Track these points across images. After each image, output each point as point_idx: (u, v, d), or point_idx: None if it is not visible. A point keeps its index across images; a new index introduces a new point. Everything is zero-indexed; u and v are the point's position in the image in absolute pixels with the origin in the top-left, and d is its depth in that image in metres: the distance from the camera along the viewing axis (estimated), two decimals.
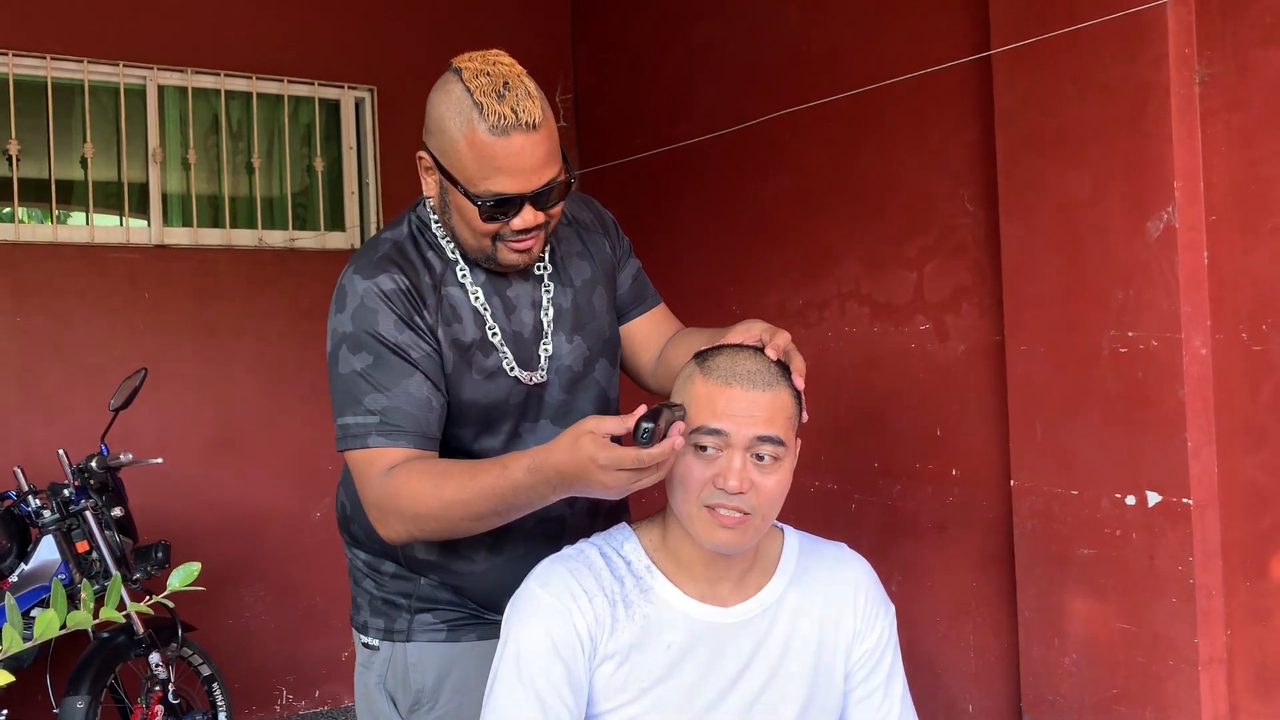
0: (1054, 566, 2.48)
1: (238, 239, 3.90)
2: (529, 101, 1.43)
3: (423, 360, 1.52)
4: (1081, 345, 2.40)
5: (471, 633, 1.63)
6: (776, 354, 1.39)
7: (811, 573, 1.46)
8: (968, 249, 2.79)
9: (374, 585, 1.67)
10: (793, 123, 3.28)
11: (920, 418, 2.93)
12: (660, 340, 1.79)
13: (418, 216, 1.62)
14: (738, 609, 1.40)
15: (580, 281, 1.69)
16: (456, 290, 1.58)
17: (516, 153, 1.42)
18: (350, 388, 1.51)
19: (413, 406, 1.49)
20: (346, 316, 1.53)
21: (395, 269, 1.54)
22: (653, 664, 1.37)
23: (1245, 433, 2.18)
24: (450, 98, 1.45)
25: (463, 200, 1.48)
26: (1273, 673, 2.16)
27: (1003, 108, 2.56)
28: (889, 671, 1.47)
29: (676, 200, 3.85)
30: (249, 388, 3.88)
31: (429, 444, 1.51)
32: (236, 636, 3.79)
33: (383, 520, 1.46)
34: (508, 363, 1.58)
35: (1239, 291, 2.18)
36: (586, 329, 1.67)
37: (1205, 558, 2.21)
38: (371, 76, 4.08)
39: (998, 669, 2.75)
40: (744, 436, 1.31)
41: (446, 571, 1.62)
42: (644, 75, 4.06)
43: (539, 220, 1.49)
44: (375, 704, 1.66)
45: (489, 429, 1.60)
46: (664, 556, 1.41)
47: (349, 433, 1.50)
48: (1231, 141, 2.18)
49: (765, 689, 1.40)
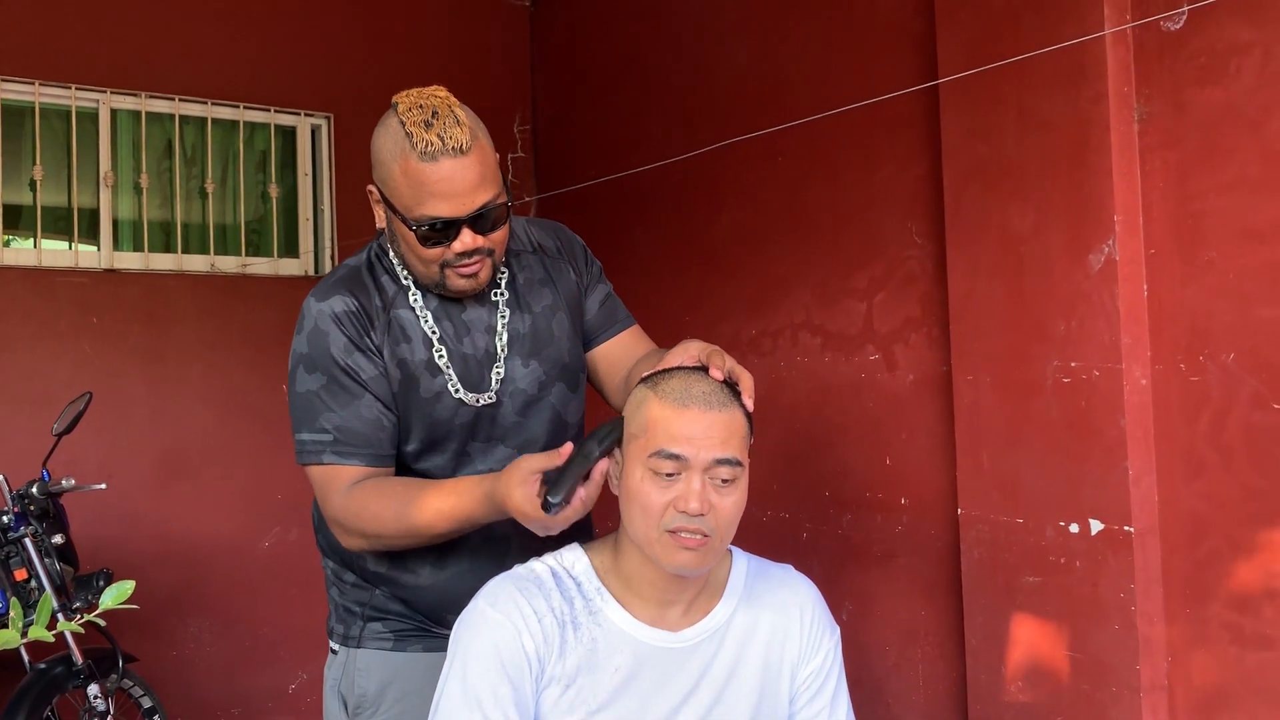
0: (1000, 594, 2.50)
1: (189, 264, 3.87)
2: (456, 129, 1.51)
3: (372, 382, 1.60)
4: (1025, 375, 2.44)
5: (417, 644, 1.69)
6: (721, 375, 1.41)
7: (758, 595, 1.47)
8: (916, 280, 2.83)
9: (338, 593, 1.76)
10: (745, 155, 3.33)
11: (870, 447, 2.95)
12: (631, 361, 1.82)
13: (379, 245, 1.71)
14: (686, 633, 1.41)
15: (540, 308, 1.75)
16: (407, 313, 1.65)
17: (446, 177, 1.50)
18: (306, 406, 1.60)
19: (364, 426, 1.58)
20: (304, 338, 1.62)
21: (347, 292, 1.63)
22: (599, 687, 1.37)
23: (1184, 461, 2.22)
24: (387, 131, 1.55)
25: (404, 228, 1.55)
26: (1212, 698, 2.19)
27: (949, 142, 2.61)
28: (834, 693, 1.48)
29: (631, 230, 3.88)
30: (198, 414, 3.83)
31: (383, 461, 1.60)
32: (179, 668, 3.71)
33: (344, 535, 1.58)
34: (452, 384, 1.64)
35: (1177, 323, 2.23)
36: (543, 354, 1.73)
37: (1146, 585, 2.25)
38: (328, 104, 4.08)
39: (945, 697, 2.76)
40: (703, 459, 1.32)
41: (396, 584, 1.69)
42: (600, 106, 4.09)
43: (479, 244, 1.56)
44: (331, 705, 1.75)
45: (435, 447, 1.66)
46: (614, 579, 1.42)
47: (305, 449, 1.60)
48: (1169, 177, 2.24)
49: (710, 712, 1.40)
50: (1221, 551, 2.17)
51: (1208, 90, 2.17)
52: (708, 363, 1.43)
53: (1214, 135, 2.17)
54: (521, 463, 1.40)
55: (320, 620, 3.83)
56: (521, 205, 4.40)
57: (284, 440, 4.02)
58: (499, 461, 1.67)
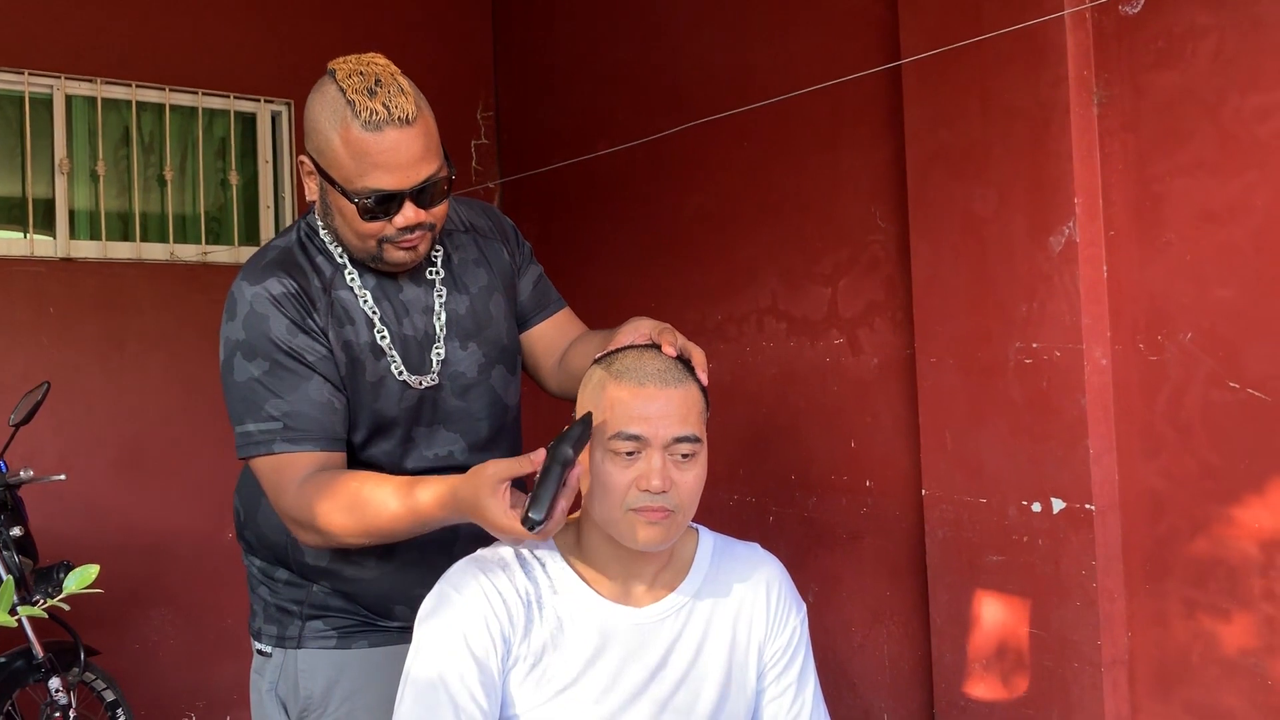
0: (964, 573, 2.53)
1: (149, 253, 3.81)
2: (401, 98, 1.45)
3: (319, 363, 1.52)
4: (988, 357, 2.47)
5: (363, 640, 1.63)
6: (674, 351, 1.41)
7: (725, 572, 1.48)
8: (880, 265, 2.85)
9: (268, 592, 1.67)
10: (709, 141, 3.33)
11: (835, 430, 2.98)
12: (564, 344, 1.80)
13: (306, 223, 1.63)
14: (651, 609, 1.41)
15: (476, 288, 1.69)
16: (346, 293, 1.58)
17: (391, 148, 1.44)
18: (248, 395, 1.51)
19: (314, 410, 1.50)
20: (238, 324, 1.53)
21: (283, 273, 1.54)
22: (566, 665, 1.37)
23: (1143, 440, 2.26)
24: (325, 98, 1.48)
25: (343, 201, 1.48)
26: (1171, 672, 2.23)
27: (912, 126, 2.63)
28: (801, 670, 1.49)
29: (596, 216, 3.87)
30: (159, 405, 3.79)
31: (335, 445, 1.52)
32: (142, 660, 3.67)
33: (299, 528, 1.48)
34: (396, 367, 1.58)
35: (1136, 303, 2.26)
36: (483, 335, 1.68)
37: (1107, 562, 2.28)
38: (289, 90, 4.03)
39: (911, 676, 2.79)
40: (662, 437, 1.33)
41: (338, 578, 1.62)
42: (562, 90, 4.08)
43: (421, 219, 1.50)
44: (267, 711, 1.65)
45: (382, 433, 1.60)
46: (578, 557, 1.42)
47: (252, 440, 1.50)
48: (1128, 160, 2.27)
49: (679, 688, 1.41)
50: (1180, 528, 2.21)
51: (1165, 74, 2.20)
52: (659, 340, 1.43)
53: (1171, 118, 2.20)
54: (486, 470, 1.31)
55: None
56: (485, 191, 4.38)
57: None
58: (442, 446, 1.63)
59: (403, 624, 1.62)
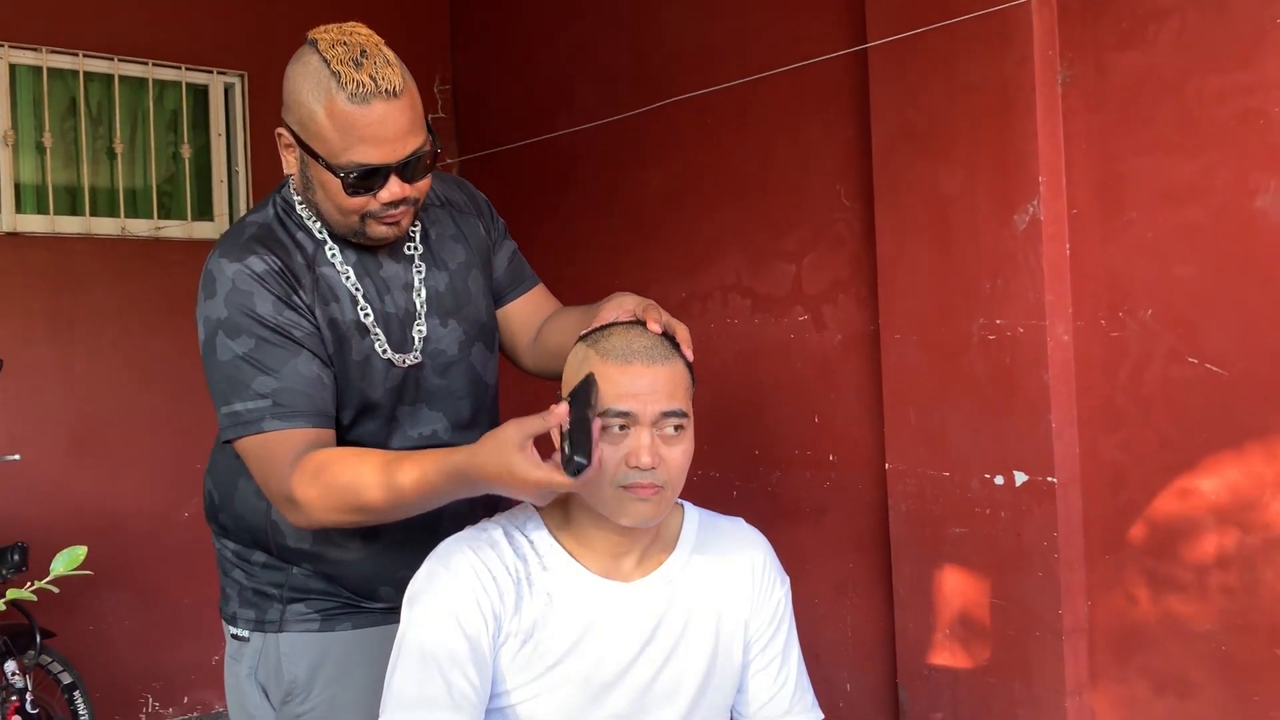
0: (927, 546, 2.58)
1: (99, 227, 3.72)
2: (388, 69, 1.41)
3: (307, 339, 1.49)
4: (952, 333, 2.51)
5: (346, 622, 1.60)
6: (660, 328, 1.41)
7: (711, 546, 1.49)
8: (845, 242, 2.88)
9: (244, 575, 1.63)
10: (673, 117, 3.33)
11: (799, 406, 3.01)
12: (539, 321, 1.78)
13: (282, 198, 1.58)
14: (640, 584, 1.42)
15: (455, 265, 1.66)
16: (329, 270, 1.54)
17: (378, 121, 1.40)
18: (234, 374, 1.45)
19: (304, 385, 1.46)
20: (219, 302, 1.47)
21: (264, 250, 1.49)
22: (556, 641, 1.37)
23: (1104, 414, 2.31)
24: (307, 69, 1.43)
25: (326, 175, 1.44)
26: (1129, 639, 2.30)
27: (878, 104, 2.65)
28: (785, 642, 1.51)
29: (557, 193, 3.86)
30: (113, 383, 3.71)
31: (326, 422, 1.48)
32: (98, 642, 3.62)
33: (292, 509, 1.42)
34: (380, 345, 1.55)
35: (1098, 281, 2.31)
36: (462, 313, 1.65)
37: (1068, 533, 2.34)
38: (242, 62, 3.95)
39: (874, 646, 2.84)
40: (651, 414, 1.33)
41: (320, 560, 1.59)
42: (523, 66, 4.04)
43: (406, 193, 1.46)
44: (247, 696, 1.62)
45: (368, 412, 1.57)
46: (566, 534, 1.42)
47: (240, 419, 1.45)
48: (1091, 140, 2.31)
49: (668, 662, 1.42)
50: (1139, 500, 2.27)
51: (1128, 55, 2.24)
52: (644, 317, 1.43)
53: (1134, 99, 2.24)
54: (506, 431, 1.25)
55: None
56: (443, 168, 4.34)
57: (205, 408, 3.91)
58: (426, 425, 1.61)
59: (387, 605, 1.61)
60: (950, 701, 2.54)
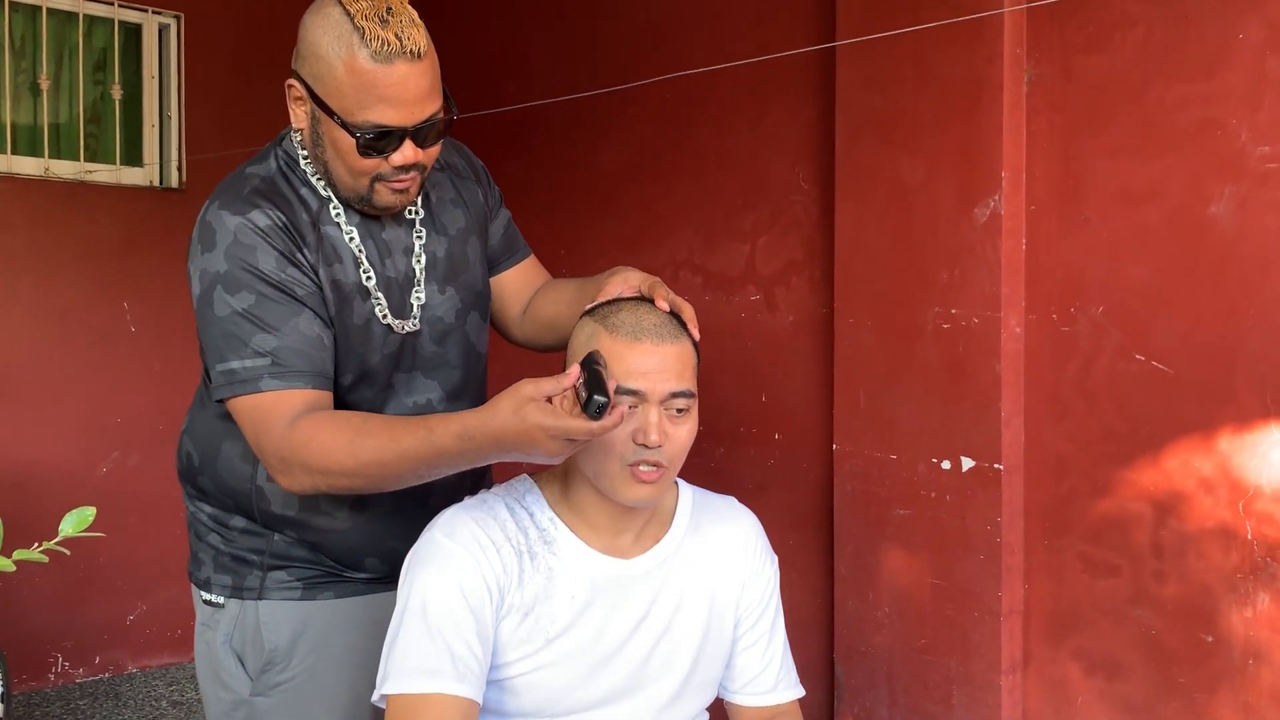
0: (871, 526, 2.64)
1: (20, 167, 3.56)
2: (414, 29, 1.39)
3: (309, 298, 1.45)
4: (907, 320, 2.56)
5: (328, 591, 1.58)
6: (667, 306, 1.42)
7: (704, 524, 1.51)
8: (801, 225, 2.91)
9: (220, 540, 1.59)
10: (629, 90, 3.31)
11: (747, 384, 3.04)
12: (530, 292, 1.78)
13: (284, 151, 1.54)
14: (639, 560, 1.43)
15: (455, 230, 1.64)
16: (333, 229, 1.51)
17: (399, 82, 1.38)
18: (233, 330, 1.41)
19: (305, 345, 1.42)
20: (218, 255, 1.42)
21: (269, 204, 1.45)
22: (556, 616, 1.38)
23: (1051, 405, 2.40)
24: (328, 21, 1.38)
25: (339, 133, 1.41)
26: (1062, 621, 2.40)
27: (844, 92, 2.68)
28: (773, 619, 1.55)
29: (503, 161, 3.80)
30: (29, 331, 3.56)
31: (325, 383, 1.44)
32: (8, 600, 3.49)
33: (286, 472, 1.39)
34: (381, 309, 1.53)
35: (1052, 276, 2.39)
36: (460, 280, 1.63)
37: (1011, 518, 2.42)
38: (178, 2, 3.80)
39: (812, 623, 2.91)
40: (659, 392, 1.34)
41: (305, 528, 1.56)
42: (474, 28, 3.97)
43: (418, 158, 1.44)
44: (221, 664, 1.58)
45: (366, 379, 1.54)
46: (566, 509, 1.42)
47: (236, 378, 1.40)
48: (1053, 139, 2.37)
49: (662, 638, 1.44)
50: (1080, 488, 2.36)
51: (1094, 58, 2.31)
52: (651, 294, 1.43)
53: (1097, 101, 2.31)
54: (523, 390, 1.23)
55: (163, 549, 3.66)
56: None
57: (126, 360, 3.80)
58: (421, 394, 1.59)
59: (370, 575, 1.59)
60: (886, 678, 2.62)
